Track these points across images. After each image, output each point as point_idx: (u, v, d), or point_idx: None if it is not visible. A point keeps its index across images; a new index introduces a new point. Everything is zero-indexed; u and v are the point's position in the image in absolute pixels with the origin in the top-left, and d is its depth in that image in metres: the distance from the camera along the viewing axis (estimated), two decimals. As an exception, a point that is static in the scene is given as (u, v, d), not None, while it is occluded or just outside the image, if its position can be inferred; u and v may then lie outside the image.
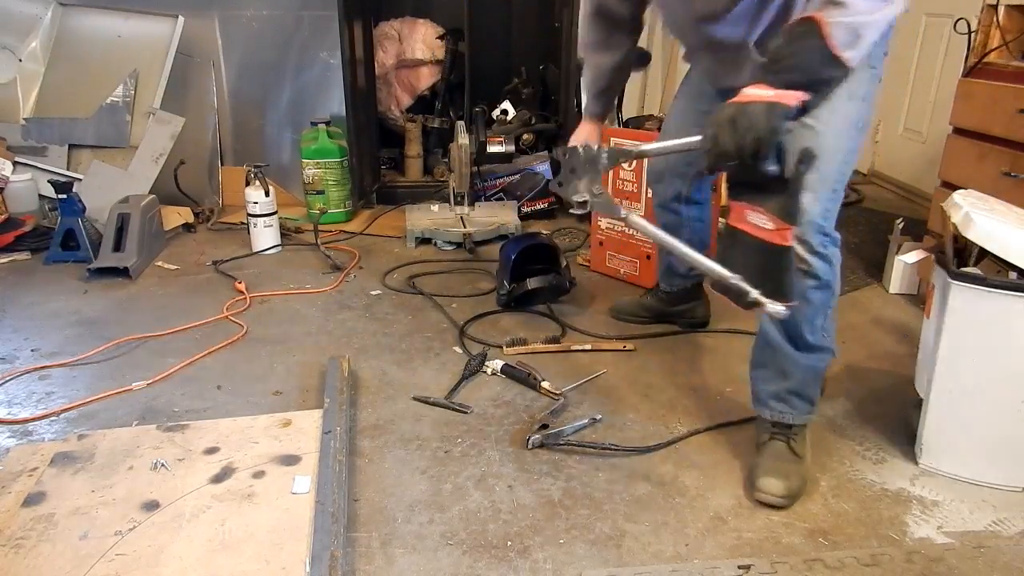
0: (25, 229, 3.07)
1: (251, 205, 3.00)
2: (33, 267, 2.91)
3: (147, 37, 3.35)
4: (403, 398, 1.95)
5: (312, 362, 2.13)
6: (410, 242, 3.17)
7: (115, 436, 1.68)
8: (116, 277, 2.75)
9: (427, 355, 2.19)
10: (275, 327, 2.38)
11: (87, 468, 1.55)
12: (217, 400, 1.93)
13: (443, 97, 4.10)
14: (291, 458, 1.59)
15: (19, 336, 2.31)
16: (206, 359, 2.16)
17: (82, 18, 3.37)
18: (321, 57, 3.65)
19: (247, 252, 3.03)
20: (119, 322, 2.39)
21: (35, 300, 2.58)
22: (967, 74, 2.37)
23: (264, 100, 3.70)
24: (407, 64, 4.02)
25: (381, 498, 1.55)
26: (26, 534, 1.35)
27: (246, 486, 1.50)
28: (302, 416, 1.76)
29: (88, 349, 2.19)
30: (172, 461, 1.57)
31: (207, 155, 3.59)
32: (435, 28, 4.03)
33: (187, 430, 1.69)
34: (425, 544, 1.41)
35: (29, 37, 3.31)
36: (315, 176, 3.36)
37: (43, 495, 1.46)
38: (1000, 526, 1.47)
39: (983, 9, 2.33)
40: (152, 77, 3.32)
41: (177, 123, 3.30)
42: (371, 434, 1.78)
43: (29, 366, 2.11)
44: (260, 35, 3.59)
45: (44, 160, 3.28)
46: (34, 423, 1.83)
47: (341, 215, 3.46)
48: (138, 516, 1.41)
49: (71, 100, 3.32)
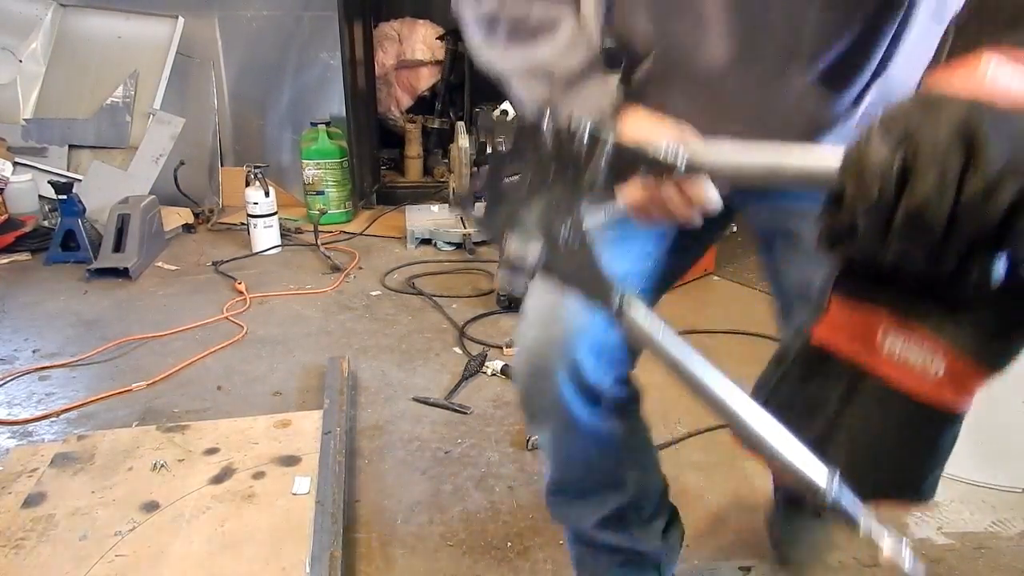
0: (25, 230, 3.07)
1: (251, 206, 3.00)
2: (33, 268, 2.91)
3: (147, 38, 3.35)
4: (403, 399, 1.95)
5: (312, 363, 2.13)
6: (410, 243, 3.17)
7: (115, 437, 1.68)
8: (116, 278, 2.75)
9: (427, 356, 2.19)
10: (275, 328, 2.38)
11: (87, 469, 1.55)
12: (217, 401, 1.93)
13: (443, 98, 4.10)
14: (291, 459, 1.59)
15: (19, 337, 2.31)
16: (206, 360, 2.16)
17: (82, 19, 3.37)
18: (321, 58, 3.65)
19: (247, 253, 3.03)
20: (119, 323, 2.39)
21: (35, 301, 2.58)
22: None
23: (264, 101, 3.70)
24: (407, 65, 4.02)
25: (381, 499, 1.55)
26: (26, 535, 1.35)
27: (246, 487, 1.50)
28: (302, 417, 1.76)
29: (88, 350, 2.19)
30: (172, 462, 1.57)
31: (207, 156, 3.59)
32: (435, 29, 4.03)
33: (187, 431, 1.69)
34: (425, 545, 1.41)
35: (29, 38, 3.31)
36: (315, 177, 3.36)
37: (43, 496, 1.46)
38: (1000, 527, 1.47)
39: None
40: (152, 78, 3.32)
41: (177, 124, 3.30)
42: (371, 435, 1.78)
43: (29, 367, 2.11)
44: (260, 36, 3.59)
45: (44, 161, 3.28)
46: (34, 424, 1.83)
47: (341, 216, 3.46)
48: (138, 517, 1.40)
49: (71, 101, 3.32)
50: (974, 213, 0.42)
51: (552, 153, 0.56)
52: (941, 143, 0.42)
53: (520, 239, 0.57)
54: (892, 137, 0.43)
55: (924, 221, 0.42)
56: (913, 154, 0.43)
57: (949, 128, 0.42)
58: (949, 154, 0.42)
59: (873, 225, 0.44)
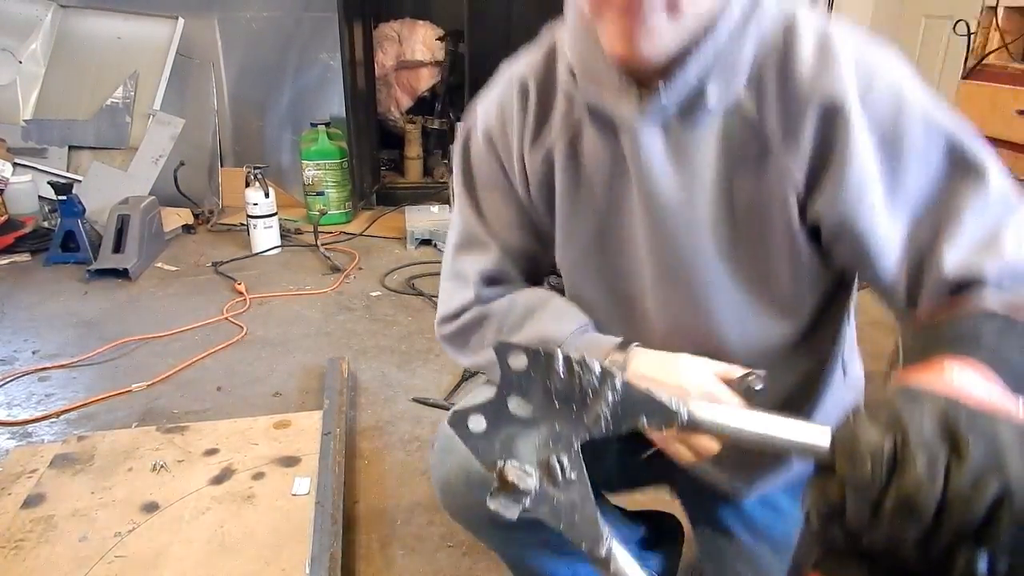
0: (25, 231, 3.08)
1: (251, 206, 3.00)
2: (33, 268, 2.91)
3: (147, 39, 3.35)
4: (403, 399, 1.95)
5: (312, 363, 2.13)
6: (410, 243, 3.17)
7: (115, 438, 1.68)
8: (116, 278, 2.75)
9: (427, 356, 2.19)
10: (275, 328, 2.38)
11: (87, 470, 1.55)
12: (217, 401, 1.93)
13: (443, 98, 4.10)
14: (291, 459, 1.59)
15: (19, 338, 2.31)
16: (206, 360, 2.16)
17: (82, 20, 3.37)
18: (321, 58, 3.65)
19: (247, 253, 3.03)
20: (119, 323, 2.39)
21: (35, 301, 2.58)
22: (966, 76, 2.37)
23: (264, 101, 3.70)
24: (407, 65, 4.02)
25: (381, 500, 1.55)
26: (25, 536, 1.35)
27: (246, 488, 1.50)
28: (302, 417, 1.76)
29: (88, 350, 2.19)
30: (172, 463, 1.57)
31: (207, 156, 3.59)
32: (435, 29, 4.04)
33: (187, 431, 1.69)
34: (425, 546, 1.41)
35: (29, 39, 3.31)
36: (315, 177, 3.36)
37: (42, 497, 1.46)
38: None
39: (982, 11, 2.33)
40: (152, 78, 3.32)
41: (177, 124, 3.30)
42: (371, 435, 1.78)
43: (29, 367, 2.11)
44: (260, 37, 3.59)
45: (44, 161, 3.28)
46: (34, 424, 1.83)
47: (341, 216, 3.46)
48: (138, 518, 1.40)
49: (71, 102, 3.32)
50: (962, 505, 0.43)
51: (564, 383, 0.56)
52: (928, 432, 0.44)
53: (518, 468, 0.56)
54: (880, 423, 0.46)
55: (915, 506, 0.44)
56: (902, 440, 0.45)
57: (932, 419, 0.45)
58: (936, 443, 0.44)
59: (864, 505, 0.45)
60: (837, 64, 0.70)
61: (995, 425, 0.45)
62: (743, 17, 0.71)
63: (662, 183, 0.77)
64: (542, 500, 0.56)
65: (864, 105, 0.69)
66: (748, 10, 0.72)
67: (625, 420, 0.55)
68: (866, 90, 0.69)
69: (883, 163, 0.69)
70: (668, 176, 0.76)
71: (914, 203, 0.70)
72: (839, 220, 0.72)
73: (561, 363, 0.55)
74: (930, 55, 3.74)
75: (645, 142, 0.75)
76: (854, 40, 0.72)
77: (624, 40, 0.68)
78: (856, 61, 0.70)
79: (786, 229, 0.75)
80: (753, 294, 0.81)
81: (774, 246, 0.77)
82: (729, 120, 0.74)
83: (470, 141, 0.91)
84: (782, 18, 0.73)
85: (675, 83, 0.71)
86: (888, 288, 0.73)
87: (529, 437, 0.57)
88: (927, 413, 0.45)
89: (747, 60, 0.72)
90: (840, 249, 0.74)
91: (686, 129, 0.75)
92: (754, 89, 0.73)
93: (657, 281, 0.83)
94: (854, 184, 0.70)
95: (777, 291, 0.80)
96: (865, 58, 0.70)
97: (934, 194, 0.69)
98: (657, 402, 0.55)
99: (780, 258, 0.77)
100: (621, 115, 0.76)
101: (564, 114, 0.82)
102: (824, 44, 0.71)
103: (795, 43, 0.71)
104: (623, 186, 0.80)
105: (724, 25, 0.70)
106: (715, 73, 0.72)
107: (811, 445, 0.51)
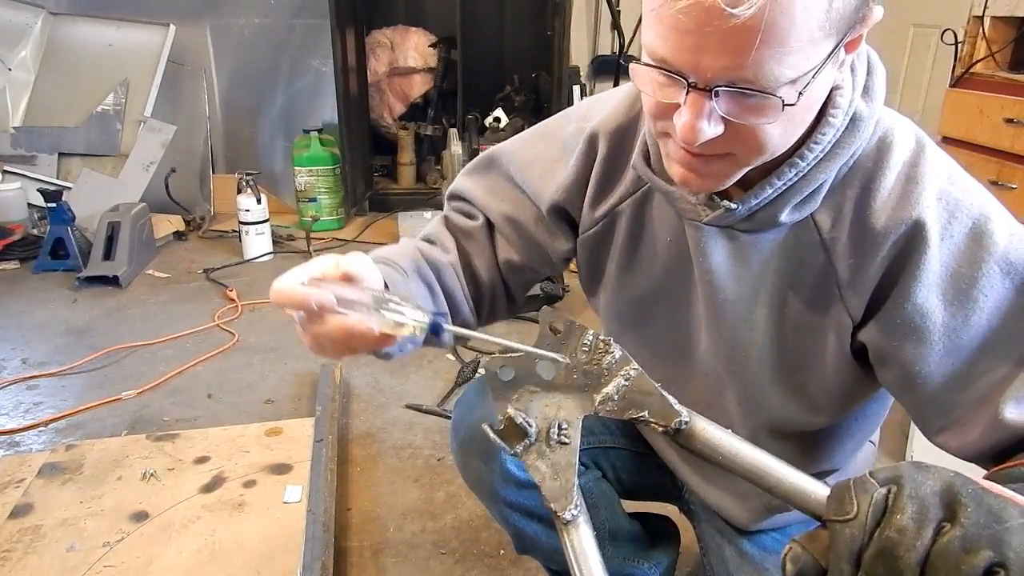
0: (14, 238, 3.05)
1: (243, 213, 2.99)
2: (22, 276, 2.88)
3: (138, 46, 3.34)
4: (395, 406, 1.94)
5: (304, 370, 2.12)
6: (402, 250, 3.16)
7: (104, 446, 1.66)
8: (106, 286, 2.73)
9: (420, 362, 2.19)
10: (266, 335, 2.36)
11: (75, 479, 1.54)
12: (208, 409, 1.92)
13: (436, 105, 4.11)
14: (282, 467, 1.58)
15: (7, 346, 2.29)
16: (197, 368, 2.14)
17: (72, 27, 3.36)
18: (313, 65, 3.65)
19: (238, 260, 3.02)
20: (109, 331, 2.38)
21: (24, 309, 2.56)
22: (954, 84, 2.39)
23: (256, 108, 3.70)
24: (400, 72, 4.03)
25: (373, 507, 1.54)
26: (12, 546, 1.34)
27: (237, 495, 1.49)
28: (293, 425, 1.75)
29: (77, 358, 2.17)
30: (162, 471, 1.56)
31: (198, 163, 3.57)
32: (427, 36, 4.04)
33: (177, 439, 1.68)
34: (417, 553, 1.40)
35: (19, 46, 3.29)
36: (307, 184, 3.36)
37: (30, 506, 1.45)
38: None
39: (969, 20, 2.36)
40: (143, 85, 3.31)
41: (168, 131, 3.29)
42: (363, 442, 1.77)
43: (17, 376, 2.09)
44: (252, 43, 3.59)
45: (33, 169, 3.26)
46: (22, 434, 1.81)
47: (333, 223, 3.46)
48: (127, 527, 1.39)
49: (61, 109, 3.30)
50: (948, 566, 0.43)
51: (586, 357, 0.61)
52: (925, 489, 0.46)
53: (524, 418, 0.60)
54: (881, 478, 0.47)
55: (896, 555, 0.43)
56: (896, 492, 0.46)
57: (935, 484, 0.46)
58: (932, 502, 0.45)
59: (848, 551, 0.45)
60: (922, 195, 0.66)
61: (1002, 504, 0.45)
62: (835, 142, 0.66)
63: (722, 275, 0.74)
64: (533, 451, 0.60)
65: (943, 240, 0.65)
66: (842, 134, 0.66)
67: (629, 408, 0.59)
68: (947, 224, 0.65)
69: (950, 299, 0.66)
70: (728, 270, 0.74)
71: (980, 341, 0.66)
72: (888, 349, 0.70)
73: (590, 337, 0.60)
74: (918, 64, 3.77)
75: (708, 238, 0.73)
76: (944, 168, 0.68)
77: (686, 175, 0.64)
78: (940, 192, 0.66)
79: (835, 350, 0.74)
80: (795, 397, 0.80)
81: (820, 362, 0.76)
82: (798, 230, 0.71)
83: (583, 130, 0.83)
84: (878, 133, 0.68)
85: (747, 200, 0.68)
86: (923, 416, 0.73)
87: (542, 398, 0.61)
88: (931, 478, 0.46)
89: (831, 182, 0.68)
90: (885, 373, 0.73)
91: (751, 232, 0.72)
92: (831, 207, 0.69)
93: (708, 354, 0.82)
94: (910, 316, 0.67)
95: (819, 397, 0.79)
96: (950, 190, 0.67)
97: (1007, 335, 0.66)
98: (664, 399, 0.59)
99: (825, 371, 0.76)
100: (685, 212, 0.74)
101: (634, 179, 0.80)
102: (911, 174, 0.67)
103: (884, 167, 0.67)
104: (686, 260, 0.78)
105: (811, 153, 0.65)
106: (793, 195, 0.68)
107: (804, 490, 0.53)
